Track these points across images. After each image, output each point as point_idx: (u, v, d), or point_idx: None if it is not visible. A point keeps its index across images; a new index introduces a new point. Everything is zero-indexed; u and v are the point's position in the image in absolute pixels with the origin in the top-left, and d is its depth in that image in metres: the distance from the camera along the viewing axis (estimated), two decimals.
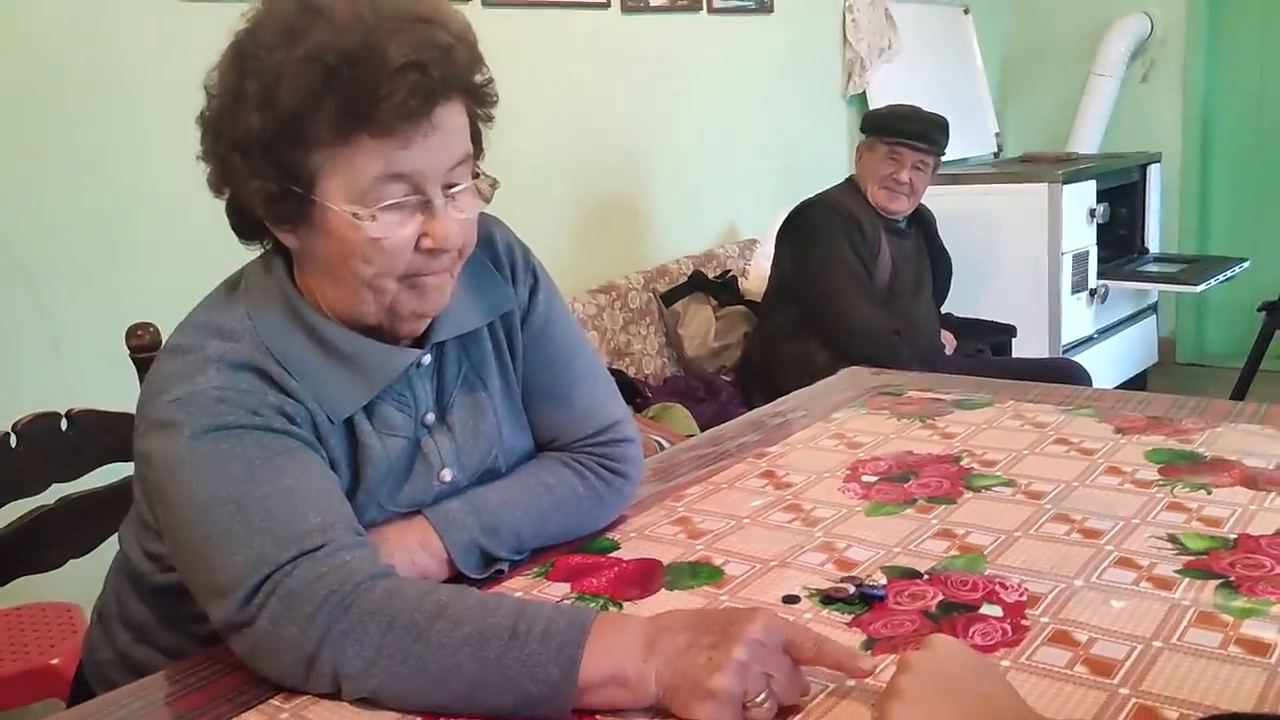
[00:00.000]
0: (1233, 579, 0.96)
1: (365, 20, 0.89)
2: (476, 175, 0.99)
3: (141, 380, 1.50)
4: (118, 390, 1.52)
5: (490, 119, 1.02)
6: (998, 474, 1.26)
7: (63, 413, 1.41)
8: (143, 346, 1.49)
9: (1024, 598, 0.96)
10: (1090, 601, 0.94)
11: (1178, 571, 0.98)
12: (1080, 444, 1.34)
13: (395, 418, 1.04)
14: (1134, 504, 1.14)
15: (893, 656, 0.87)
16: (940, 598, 0.97)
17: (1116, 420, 1.42)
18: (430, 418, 1.07)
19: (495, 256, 1.12)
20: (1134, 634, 0.88)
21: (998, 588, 0.98)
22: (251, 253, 1.06)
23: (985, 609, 0.94)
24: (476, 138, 1.01)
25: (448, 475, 1.08)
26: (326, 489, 0.94)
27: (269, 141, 0.90)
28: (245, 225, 1.01)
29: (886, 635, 0.91)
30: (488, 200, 1.01)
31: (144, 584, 1.08)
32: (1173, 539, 1.05)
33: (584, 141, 3.02)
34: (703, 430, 2.61)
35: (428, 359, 1.05)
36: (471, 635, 0.82)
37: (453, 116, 0.94)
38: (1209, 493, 1.16)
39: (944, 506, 1.18)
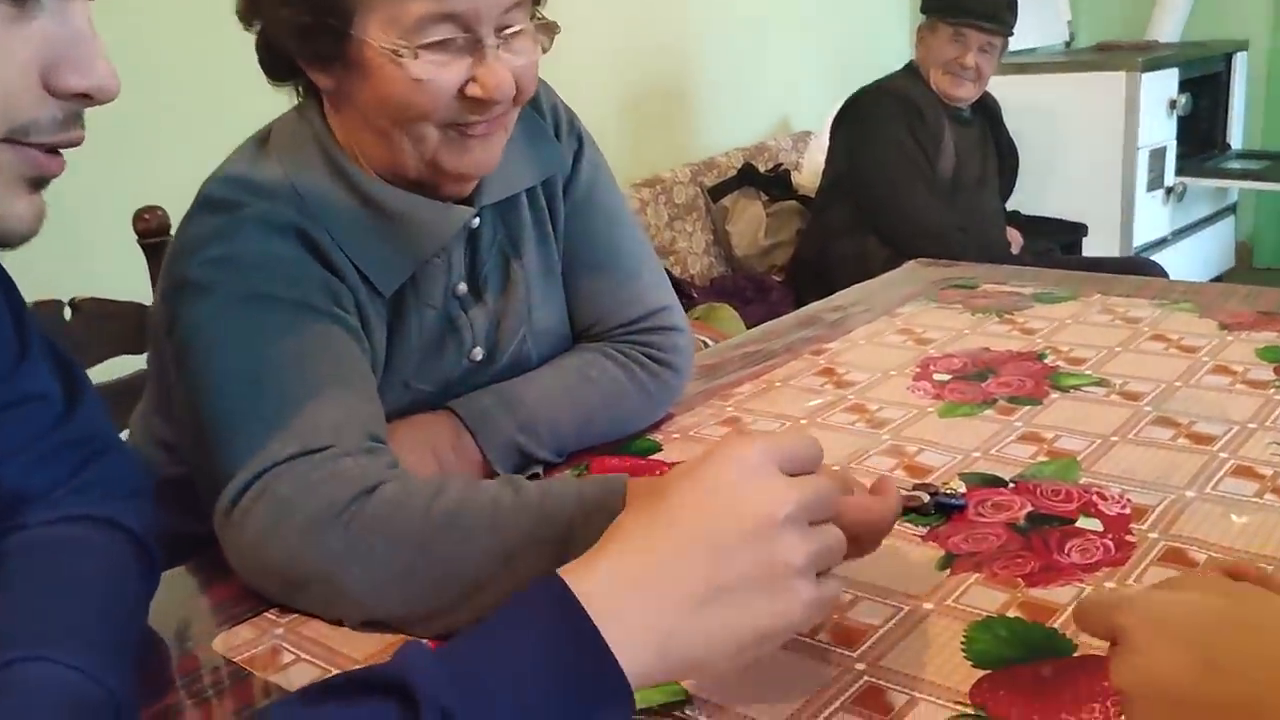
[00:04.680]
0: None
1: None
2: (535, 19, 0.87)
3: (151, 266, 1.41)
4: (125, 278, 1.42)
5: None
6: (1087, 373, 1.12)
7: (66, 301, 1.31)
8: (150, 231, 1.39)
9: (1127, 510, 0.83)
10: (1207, 515, 0.81)
11: None
12: (1180, 341, 1.19)
13: (433, 287, 0.94)
14: (1248, 407, 1.00)
15: (975, 575, 0.75)
16: (1029, 508, 0.84)
17: (1220, 315, 1.27)
18: (462, 288, 0.96)
19: (539, 114, 1.01)
20: (1262, 553, 0.75)
21: (1095, 498, 0.85)
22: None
23: (1082, 522, 0.82)
24: None
25: (479, 354, 0.98)
26: (356, 384, 0.83)
27: None
28: (277, 64, 0.89)
29: (968, 551, 0.79)
30: (546, 49, 0.89)
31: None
32: None
33: (629, 27, 2.83)
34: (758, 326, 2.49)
35: (476, 221, 0.95)
36: (492, 547, 0.71)
37: None
38: None
39: (1028, 408, 1.04)
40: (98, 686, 0.57)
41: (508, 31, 0.84)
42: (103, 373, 1.31)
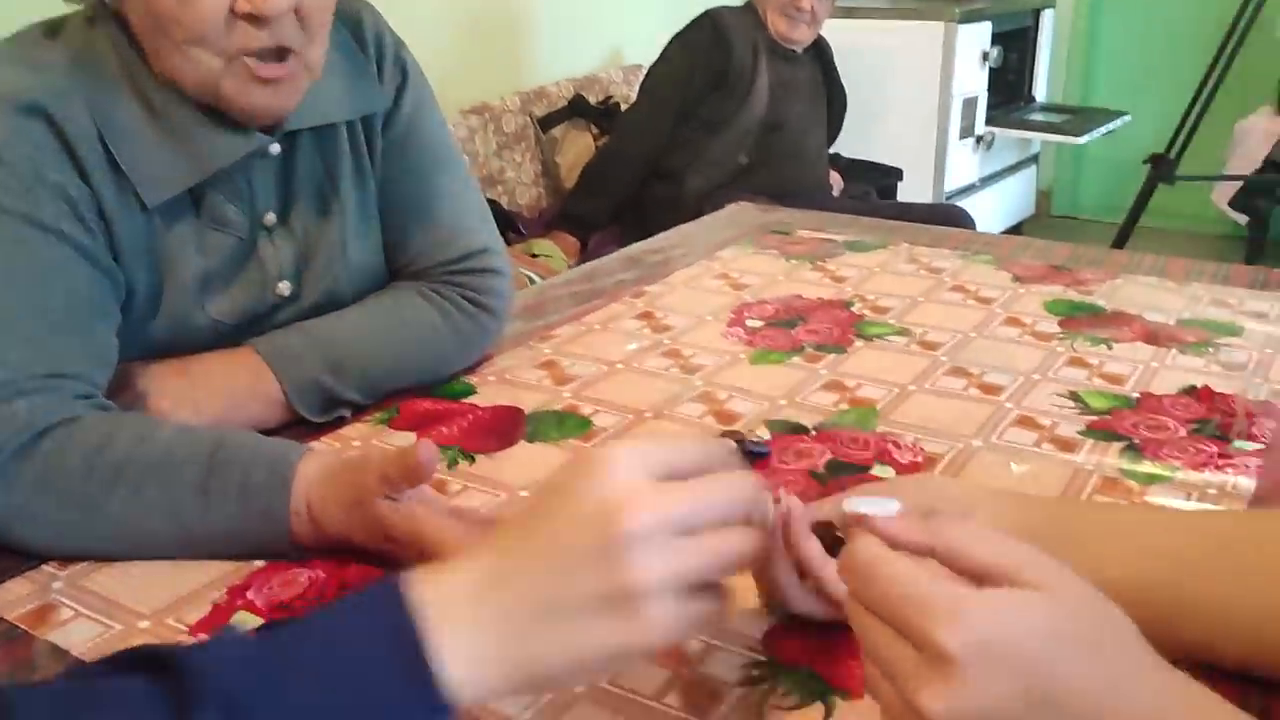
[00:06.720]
0: (1137, 441, 0.89)
1: None
2: None
3: None
4: None
5: None
6: (890, 322, 1.17)
7: None
8: None
9: (920, 459, 0.87)
10: (990, 464, 0.86)
11: (1080, 432, 0.91)
12: (977, 292, 1.26)
13: (227, 211, 0.89)
14: (1034, 358, 1.07)
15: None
16: (829, 456, 0.88)
17: (1015, 268, 1.34)
18: (271, 218, 0.92)
19: (362, 44, 0.96)
20: None
21: (891, 447, 0.89)
22: None
23: (877, 469, 0.86)
24: None
25: (285, 288, 0.94)
26: (60, 315, 0.78)
27: None
28: None
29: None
30: None
31: None
32: (1074, 397, 0.98)
33: None
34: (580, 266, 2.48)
35: (276, 148, 0.90)
36: (158, 501, 0.72)
37: None
38: (1110, 347, 1.09)
39: (834, 355, 1.08)
40: None
41: None
42: None
